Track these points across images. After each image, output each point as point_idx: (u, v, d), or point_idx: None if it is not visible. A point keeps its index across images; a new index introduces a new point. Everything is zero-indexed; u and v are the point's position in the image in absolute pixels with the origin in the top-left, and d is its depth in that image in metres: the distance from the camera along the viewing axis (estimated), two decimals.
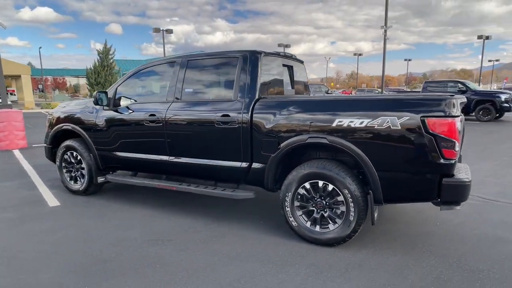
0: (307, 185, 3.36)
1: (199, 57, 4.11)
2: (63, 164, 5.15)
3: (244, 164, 3.68)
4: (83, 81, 60.28)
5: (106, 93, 4.46)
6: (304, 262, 3.08)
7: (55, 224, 4.02)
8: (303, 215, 3.45)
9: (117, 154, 4.55)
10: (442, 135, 2.78)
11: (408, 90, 53.04)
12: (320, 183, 3.29)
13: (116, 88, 4.56)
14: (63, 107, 5.29)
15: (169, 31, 37.61)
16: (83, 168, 4.93)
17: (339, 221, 3.27)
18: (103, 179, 4.89)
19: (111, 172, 4.96)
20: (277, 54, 4.21)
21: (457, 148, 2.81)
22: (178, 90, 4.08)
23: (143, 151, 4.35)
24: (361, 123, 3.04)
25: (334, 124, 3.15)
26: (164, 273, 2.92)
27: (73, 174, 5.10)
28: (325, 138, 3.18)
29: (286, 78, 4.39)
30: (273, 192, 3.75)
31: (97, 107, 4.67)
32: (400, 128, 2.90)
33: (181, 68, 4.11)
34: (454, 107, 2.81)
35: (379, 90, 44.81)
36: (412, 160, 2.93)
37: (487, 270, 2.90)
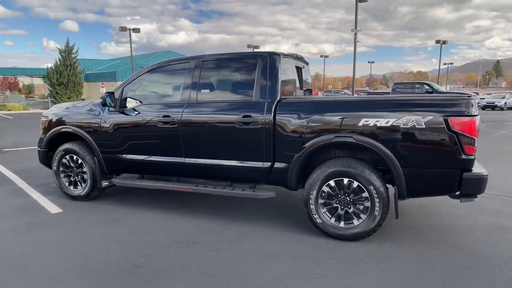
0: (331, 183, 3.48)
1: (214, 58, 4.10)
2: (61, 169, 4.90)
3: (266, 164, 3.74)
4: (37, 81, 56.68)
5: (113, 93, 4.32)
6: (336, 257, 3.20)
7: (65, 231, 3.84)
8: (327, 212, 3.57)
9: (125, 157, 4.42)
10: (464, 133, 3.01)
11: (371, 91, 55.39)
12: (345, 180, 3.42)
13: (123, 89, 4.43)
14: (60, 108, 5.04)
15: (136, 30, 36.48)
16: (84, 172, 4.73)
17: (363, 216, 3.42)
18: (107, 183, 4.72)
19: (114, 176, 4.79)
20: (291, 56, 4.31)
21: (476, 145, 3.06)
22: (194, 91, 4.05)
23: (155, 153, 4.26)
24: (387, 122, 3.21)
25: (360, 124, 3.30)
26: (202, 275, 2.91)
27: (72, 179, 4.87)
28: (352, 137, 3.32)
29: (296, 79, 4.50)
30: (294, 190, 3.84)
31: (101, 108, 4.51)
32: (424, 127, 3.10)
33: (195, 69, 4.08)
34: (473, 106, 3.05)
35: (345, 91, 46.40)
36: (435, 157, 3.15)
37: (501, 256, 3.18)
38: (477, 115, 3.05)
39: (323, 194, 3.54)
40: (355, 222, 3.47)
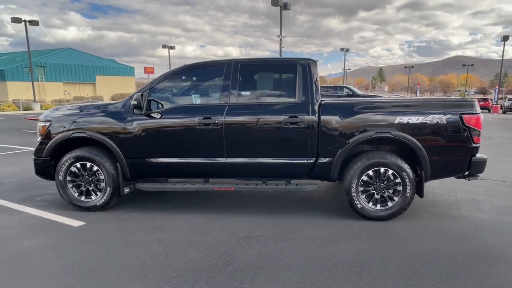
0: (370, 172, 4.08)
1: (253, 62, 4.33)
2: (68, 178, 4.46)
3: (311, 160, 4.14)
4: None
5: (142, 95, 4.18)
6: (386, 234, 3.80)
7: (112, 242, 3.61)
8: (365, 198, 4.15)
9: (158, 161, 4.30)
10: (473, 127, 3.93)
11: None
12: (382, 169, 4.06)
13: (149, 91, 4.31)
14: (66, 111, 4.56)
15: (34, 23, 32.11)
16: (99, 181, 4.42)
17: (396, 198, 4.11)
18: (128, 189, 4.50)
19: (133, 182, 4.58)
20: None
21: (480, 136, 4.00)
22: (234, 93, 4.21)
23: (193, 155, 4.27)
24: (417, 120, 3.95)
25: (396, 121, 3.97)
26: (295, 261, 3.19)
27: (83, 189, 4.48)
28: (390, 133, 3.97)
29: None
30: (333, 182, 4.32)
31: (125, 111, 4.31)
32: (445, 123, 3.93)
33: (233, 72, 4.24)
34: (477, 107, 4.00)
35: None
36: (453, 146, 4.00)
37: (498, 219, 4.20)
38: (480, 113, 4.00)
39: (362, 183, 4.12)
40: (389, 204, 4.12)
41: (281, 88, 4.31)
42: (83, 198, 4.49)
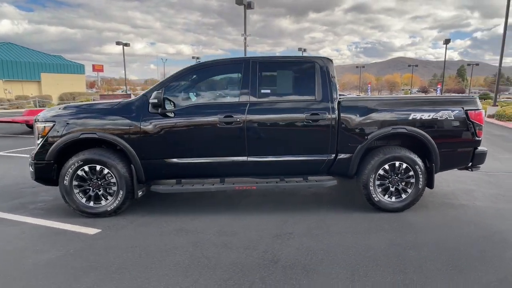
0: (386, 166, 4.28)
1: (271, 60, 4.34)
2: (75, 183, 4.13)
3: (331, 156, 4.25)
4: None
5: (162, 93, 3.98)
6: (405, 224, 4.01)
7: (140, 249, 3.41)
8: (381, 191, 4.35)
9: (176, 161, 4.14)
10: (477, 122, 4.29)
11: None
12: (397, 163, 4.28)
13: (164, 89, 4.13)
14: (69, 110, 4.20)
15: None
16: (110, 184, 4.15)
17: (409, 190, 4.35)
18: (141, 192, 4.28)
19: (144, 184, 4.36)
20: None
21: (482, 130, 4.38)
22: (254, 90, 4.17)
23: (213, 154, 4.17)
24: (429, 116, 4.22)
25: (410, 118, 4.21)
26: (344, 259, 3.26)
27: (92, 194, 4.17)
28: (405, 128, 4.20)
29: None
30: (350, 177, 4.46)
31: (139, 110, 4.09)
32: (453, 118, 4.24)
33: (252, 69, 4.20)
34: (479, 103, 4.36)
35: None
36: (459, 139, 4.33)
37: (494, 206, 4.63)
38: (482, 109, 4.38)
39: (379, 177, 4.31)
40: (403, 196, 4.36)
41: (300, 86, 4.34)
42: (91, 203, 4.19)
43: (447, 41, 35.12)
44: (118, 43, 45.77)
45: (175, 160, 4.15)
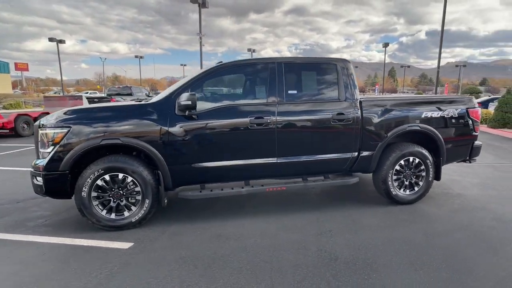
0: (402, 162, 4.58)
1: (294, 61, 4.35)
2: (94, 194, 3.76)
3: (354, 154, 4.42)
4: None
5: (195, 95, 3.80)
6: (423, 215, 4.34)
7: (192, 257, 3.23)
8: (397, 186, 4.64)
9: (205, 166, 3.97)
10: (475, 119, 4.78)
11: None
12: (411, 158, 4.60)
13: (190, 91, 3.95)
14: (83, 114, 3.79)
15: None
16: (134, 193, 3.85)
17: (421, 183, 4.70)
18: (166, 200, 4.04)
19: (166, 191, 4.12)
20: None
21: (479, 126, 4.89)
22: (281, 91, 4.17)
23: (244, 157, 4.08)
24: (438, 114, 4.60)
25: (423, 116, 4.55)
26: (395, 250, 3.42)
27: (113, 204, 3.83)
28: (418, 126, 4.53)
29: None
30: (370, 173, 4.68)
31: (164, 112, 3.86)
32: (457, 116, 4.68)
33: (278, 70, 4.20)
34: (476, 102, 4.87)
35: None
36: (461, 135, 4.78)
37: (484, 193, 5.19)
38: (478, 108, 4.89)
39: (395, 172, 4.58)
40: (416, 188, 4.70)
41: (324, 87, 4.43)
42: (113, 215, 3.84)
43: (386, 45, 38.21)
44: (51, 40, 41.99)
45: (204, 164, 3.98)
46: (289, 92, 4.24)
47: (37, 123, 3.92)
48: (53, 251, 3.40)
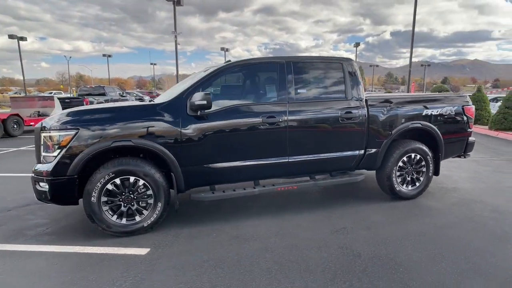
0: (404, 158, 4.72)
1: (302, 60, 4.36)
2: (104, 199, 3.59)
3: (361, 152, 4.51)
4: None
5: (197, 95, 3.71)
6: (427, 209, 4.50)
7: (217, 259, 3.16)
8: (400, 182, 4.78)
9: (217, 166, 3.89)
10: (470, 116, 5.02)
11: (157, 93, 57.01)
12: (413, 155, 4.75)
13: (201, 90, 3.87)
14: (92, 115, 3.59)
15: None
16: (146, 196, 3.72)
17: (422, 178, 4.87)
18: (178, 202, 3.93)
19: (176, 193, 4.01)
20: None
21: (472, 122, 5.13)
22: (291, 90, 4.17)
23: (256, 157, 4.04)
24: (437, 111, 4.79)
25: (423, 114, 4.72)
26: (412, 244, 3.52)
27: (124, 209, 3.67)
28: (420, 123, 4.69)
29: None
30: (375, 170, 4.78)
31: (175, 112, 3.75)
32: (454, 113, 4.89)
33: (287, 69, 4.19)
34: (470, 100, 5.11)
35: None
36: (458, 131, 5.00)
37: (475, 187, 5.47)
38: (473, 105, 5.13)
39: (398, 168, 4.72)
40: (417, 184, 4.87)
41: (331, 86, 4.46)
42: (124, 221, 3.68)
43: (357, 44, 39.37)
44: (11, 37, 39.69)
45: (217, 164, 3.90)
46: (298, 91, 4.25)
47: (38, 125, 3.67)
48: (64, 261, 3.20)
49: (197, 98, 3.63)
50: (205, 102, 3.61)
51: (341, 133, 4.38)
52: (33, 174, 3.65)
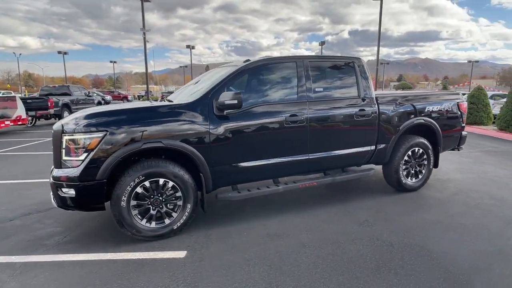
0: (409, 152, 5.01)
1: (318, 59, 4.48)
2: (134, 203, 3.48)
3: (373, 147, 4.72)
4: None
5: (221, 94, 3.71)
6: (432, 199, 4.82)
7: (259, 257, 3.19)
8: (406, 175, 5.07)
9: (244, 165, 3.90)
10: (463, 112, 5.42)
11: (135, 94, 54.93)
12: (416, 149, 5.06)
13: (226, 89, 3.87)
14: (119, 116, 3.44)
15: None
16: (174, 198, 3.65)
17: (423, 171, 5.20)
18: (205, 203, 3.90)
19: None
20: None
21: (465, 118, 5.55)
22: (310, 89, 4.28)
23: (281, 155, 4.10)
24: (437, 108, 5.13)
25: (426, 110, 5.03)
26: (439, 234, 3.76)
27: (153, 212, 3.58)
28: (423, 119, 5.00)
29: None
30: (383, 165, 5.02)
31: (202, 112, 3.72)
32: (451, 109, 5.26)
33: (305, 68, 4.30)
34: (463, 97, 5.51)
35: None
36: (453, 126, 5.39)
37: (466, 176, 5.91)
38: (465, 102, 5.54)
39: (404, 161, 5.00)
40: (420, 176, 5.18)
41: (344, 84, 4.60)
42: (153, 224, 3.58)
43: (322, 43, 40.36)
44: None
45: (243, 164, 3.91)
46: (316, 89, 4.36)
47: (57, 128, 3.47)
48: (102, 268, 3.07)
49: (227, 97, 3.61)
50: (235, 101, 3.60)
51: (356, 130, 4.56)
52: (52, 180, 3.44)
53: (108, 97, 41.15)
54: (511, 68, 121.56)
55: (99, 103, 21.72)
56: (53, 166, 3.59)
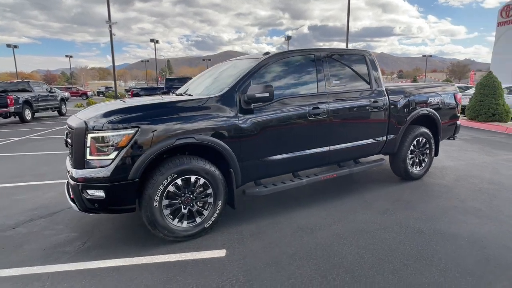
0: (415, 142, 5.22)
1: (334, 52, 4.50)
2: (166, 203, 3.31)
3: (385, 138, 4.85)
4: None
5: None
6: (438, 186, 5.07)
7: (306, 250, 3.18)
8: (411, 164, 5.27)
9: (271, 159, 3.85)
10: (459, 102, 5.73)
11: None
12: (420, 139, 5.28)
13: (250, 82, 3.78)
14: (149, 111, 3.23)
15: None
16: (204, 196, 3.53)
17: (426, 160, 5.44)
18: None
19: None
20: None
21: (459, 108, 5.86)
22: (328, 81, 4.29)
23: (305, 147, 4.09)
24: (437, 98, 5.37)
25: (428, 101, 5.25)
26: (462, 219, 3.95)
27: (184, 211, 3.43)
28: (426, 110, 5.21)
29: None
30: (392, 154, 5.18)
31: (231, 106, 3.61)
32: (448, 100, 5.54)
33: (323, 61, 4.31)
34: (457, 88, 5.81)
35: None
36: (450, 116, 5.67)
37: (460, 163, 6.27)
38: (460, 93, 5.85)
39: (410, 151, 5.20)
40: (423, 165, 5.42)
41: (358, 76, 4.66)
42: (185, 224, 3.43)
43: (288, 38, 40.77)
44: None
45: (272, 157, 3.86)
46: (334, 82, 4.39)
47: (79, 125, 3.19)
48: (143, 273, 2.88)
49: (257, 90, 3.52)
50: (267, 94, 3.52)
51: (370, 121, 4.66)
52: (73, 182, 3.17)
53: (66, 94, 38.55)
54: (459, 62, 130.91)
55: (62, 100, 20.39)
56: (70, 167, 3.31)
